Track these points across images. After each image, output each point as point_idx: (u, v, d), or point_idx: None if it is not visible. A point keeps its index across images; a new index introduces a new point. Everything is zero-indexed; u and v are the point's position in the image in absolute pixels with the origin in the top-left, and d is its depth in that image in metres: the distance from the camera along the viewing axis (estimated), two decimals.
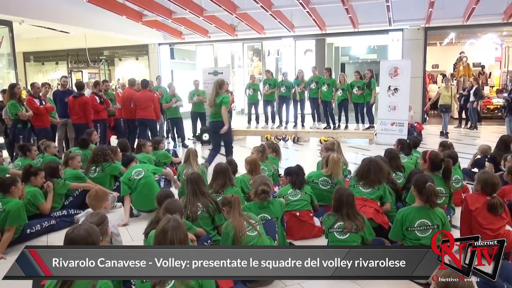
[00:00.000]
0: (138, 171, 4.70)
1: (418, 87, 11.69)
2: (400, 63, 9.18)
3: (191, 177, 3.57)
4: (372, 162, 3.70)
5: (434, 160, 3.91)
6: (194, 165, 4.91)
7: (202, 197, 3.51)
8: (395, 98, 9.03)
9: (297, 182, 3.95)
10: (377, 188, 3.71)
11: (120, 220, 4.49)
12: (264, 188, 3.39)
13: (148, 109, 7.92)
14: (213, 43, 14.23)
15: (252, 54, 14.66)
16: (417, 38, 11.79)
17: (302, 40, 13.33)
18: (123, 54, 17.15)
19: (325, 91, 9.59)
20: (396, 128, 9.00)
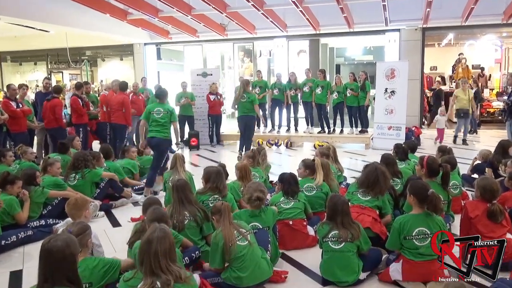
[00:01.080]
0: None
1: (415, 89, 11.82)
2: (397, 65, 9.28)
3: (177, 184, 3.55)
4: (379, 170, 3.71)
5: (431, 166, 3.94)
6: (181, 171, 4.90)
7: (189, 205, 3.49)
8: (392, 101, 9.12)
9: (290, 191, 3.96)
10: (377, 198, 3.72)
11: (103, 230, 4.45)
12: (259, 195, 3.39)
13: (117, 113, 7.78)
14: (202, 43, 14.24)
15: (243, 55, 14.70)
16: (415, 39, 11.95)
17: (295, 41, 13.41)
18: (107, 54, 17.06)
19: (319, 94, 9.65)
20: (393, 132, 9.08)
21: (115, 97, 7.92)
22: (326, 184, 4.29)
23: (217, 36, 13.26)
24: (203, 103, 10.24)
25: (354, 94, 9.36)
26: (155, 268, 2.27)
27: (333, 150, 5.33)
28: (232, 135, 10.55)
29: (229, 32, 13.25)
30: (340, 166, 5.38)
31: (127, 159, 6.08)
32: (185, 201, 3.49)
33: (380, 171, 3.72)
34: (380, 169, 3.75)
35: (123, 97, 7.93)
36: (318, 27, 12.30)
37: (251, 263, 2.99)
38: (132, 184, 5.83)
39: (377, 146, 9.17)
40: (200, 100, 10.25)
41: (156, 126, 5.39)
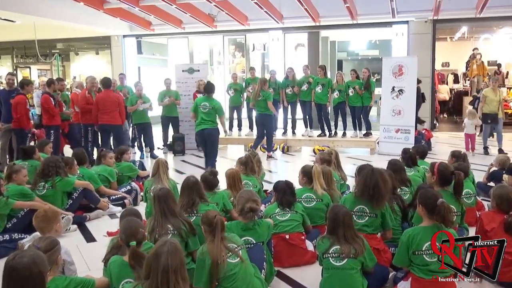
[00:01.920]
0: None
1: (426, 88, 11.92)
2: (406, 61, 9.36)
3: (159, 194, 3.54)
4: (376, 173, 3.65)
5: (443, 173, 3.96)
6: (164, 179, 4.89)
7: (172, 217, 3.48)
8: (400, 100, 9.19)
9: (284, 201, 3.97)
10: (374, 216, 3.61)
11: (75, 246, 4.41)
12: (251, 205, 3.38)
13: (113, 113, 7.91)
14: (188, 35, 14.26)
15: (234, 49, 14.75)
16: (425, 32, 12.07)
17: (292, 33, 13.49)
18: (81, 47, 16.99)
19: (319, 93, 9.69)
20: (402, 136, 9.15)
21: (106, 96, 7.95)
22: (327, 195, 4.30)
23: (205, 28, 13.29)
24: (189, 103, 10.22)
25: (358, 92, 9.40)
26: (161, 285, 2.26)
27: (335, 155, 5.35)
28: (221, 138, 10.46)
29: (219, 24, 13.29)
30: (343, 174, 5.40)
31: (103, 165, 6.04)
32: (168, 213, 3.48)
33: (377, 173, 3.62)
34: (377, 171, 3.65)
35: (116, 95, 8.00)
36: (318, 18, 12.39)
37: (243, 282, 2.98)
38: (109, 193, 5.80)
39: (384, 151, 9.23)
40: (186, 99, 10.25)
41: (205, 119, 6.72)
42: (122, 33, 14.42)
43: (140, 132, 9.35)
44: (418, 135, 9.42)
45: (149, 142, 9.38)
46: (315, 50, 13.37)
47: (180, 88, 10.41)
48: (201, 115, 6.73)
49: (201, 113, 6.73)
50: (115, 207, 5.61)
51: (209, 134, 6.74)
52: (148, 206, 4.73)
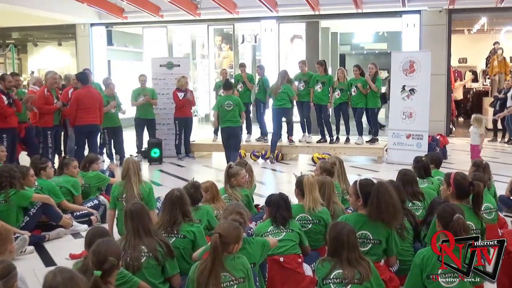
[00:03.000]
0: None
1: (440, 87, 12.04)
2: (418, 56, 9.44)
3: (132, 210, 3.52)
4: (383, 189, 3.63)
5: (460, 184, 3.98)
6: (136, 182, 4.81)
7: (147, 237, 3.46)
8: (412, 101, 9.25)
9: (278, 217, 3.94)
10: (378, 242, 3.58)
11: (32, 271, 4.35)
12: (235, 218, 3.37)
13: (97, 113, 8.01)
14: (166, 25, 14.25)
15: (220, 40, 14.77)
16: (439, 23, 12.20)
17: (288, 23, 13.55)
18: (40, 37, 16.88)
19: (318, 92, 9.74)
20: (413, 142, 9.20)
21: (91, 92, 7.96)
22: (325, 211, 4.28)
23: (187, 16, 13.29)
24: (167, 103, 10.21)
25: (362, 92, 9.46)
26: None
27: (339, 164, 5.36)
28: (205, 144, 10.52)
29: (203, 11, 13.29)
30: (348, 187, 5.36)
31: (66, 176, 5.98)
32: (142, 232, 3.45)
33: (384, 189, 3.59)
34: (384, 187, 3.63)
35: (99, 92, 8.04)
36: (318, 6, 12.46)
37: None
38: (73, 209, 5.74)
39: (393, 159, 9.28)
40: (164, 98, 10.22)
41: (229, 117, 8.08)
42: (89, 21, 14.35)
43: (111, 137, 9.27)
44: (432, 141, 9.48)
45: (120, 149, 9.33)
46: (314, 43, 13.44)
47: (157, 85, 10.38)
48: (226, 114, 8.10)
49: (226, 112, 8.09)
50: (79, 225, 5.54)
51: (235, 134, 8.26)
52: (119, 225, 4.68)
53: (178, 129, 9.80)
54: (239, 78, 10.36)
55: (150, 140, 9.78)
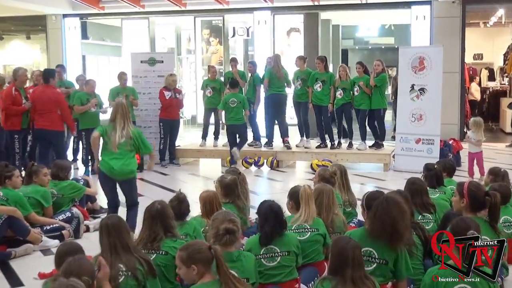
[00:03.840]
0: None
1: (453, 86, 12.10)
2: (428, 52, 9.48)
3: (108, 224, 3.50)
4: (391, 204, 3.60)
5: (475, 195, 3.99)
6: (126, 124, 5.28)
7: (125, 254, 3.44)
8: (421, 102, 9.29)
9: (268, 233, 3.85)
10: (384, 262, 3.54)
11: None
12: (227, 226, 3.37)
13: (51, 116, 7.87)
14: (148, 16, 14.25)
15: (208, 34, 14.77)
16: (452, 15, 12.29)
17: (284, 15, 13.59)
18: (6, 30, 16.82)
19: (318, 92, 9.75)
20: (423, 148, 9.24)
21: (45, 93, 7.91)
22: (321, 222, 4.28)
23: (171, 7, 13.31)
24: (149, 103, 10.20)
25: (366, 91, 9.48)
26: None
27: (342, 172, 5.36)
28: (192, 150, 10.51)
29: (189, 1, 13.32)
30: (352, 198, 5.41)
31: (35, 185, 5.95)
32: (119, 249, 3.44)
33: (393, 203, 3.54)
34: (393, 200, 3.57)
35: (55, 93, 7.95)
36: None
37: None
38: (43, 222, 5.71)
39: (401, 166, 9.31)
40: (146, 98, 10.22)
41: (232, 115, 9.23)
42: (61, 11, 14.32)
43: (89, 142, 9.19)
44: (444, 146, 9.53)
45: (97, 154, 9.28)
46: (313, 37, 13.48)
47: (138, 84, 10.37)
48: (230, 111, 9.24)
49: (230, 109, 9.24)
50: (50, 240, 5.52)
51: (239, 132, 9.46)
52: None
53: (163, 133, 9.78)
54: (230, 75, 10.36)
55: None
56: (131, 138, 5.34)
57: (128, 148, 5.36)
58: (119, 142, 5.30)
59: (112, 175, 5.42)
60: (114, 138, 5.29)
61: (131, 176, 5.53)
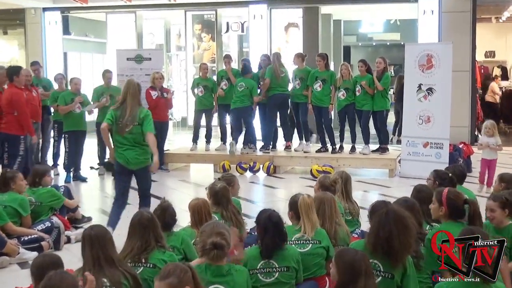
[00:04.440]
0: None
1: (464, 86, 12.13)
2: (437, 49, 9.52)
3: (92, 235, 3.49)
4: (391, 217, 3.57)
5: (454, 203, 4.05)
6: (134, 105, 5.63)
7: (109, 268, 3.44)
8: (429, 103, 9.31)
9: (270, 246, 3.85)
10: (390, 276, 3.49)
11: None
12: (214, 240, 3.35)
13: (7, 118, 7.82)
14: (135, 10, 14.25)
15: (200, 29, 14.78)
16: (462, 9, 12.33)
17: (281, 9, 13.62)
18: None
19: (318, 92, 9.75)
20: (432, 152, 9.25)
21: (3, 93, 7.87)
22: (324, 234, 4.27)
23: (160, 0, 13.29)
24: None
25: (368, 91, 9.49)
26: None
27: (344, 180, 5.36)
28: (182, 155, 10.49)
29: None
30: (354, 207, 5.41)
31: (11, 192, 5.93)
32: (103, 262, 3.43)
33: (394, 217, 3.49)
34: (394, 214, 3.53)
35: (12, 93, 7.86)
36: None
37: None
38: (20, 233, 5.69)
39: (407, 172, 9.32)
40: None
41: (239, 96, 9.64)
42: (41, 4, 14.30)
43: (72, 145, 9.18)
44: (454, 150, 9.54)
45: (77, 159, 9.31)
46: (313, 33, 13.51)
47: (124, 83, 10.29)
48: (237, 94, 9.66)
49: (237, 92, 9.66)
50: (28, 252, 5.49)
51: (245, 116, 9.78)
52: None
53: None
54: (223, 73, 10.37)
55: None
56: (139, 124, 5.66)
57: (139, 133, 5.68)
58: (130, 129, 5.65)
59: (128, 166, 5.76)
60: (124, 125, 5.63)
61: (146, 163, 5.85)
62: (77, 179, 9.21)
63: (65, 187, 6.93)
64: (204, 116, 10.40)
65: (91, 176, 9.64)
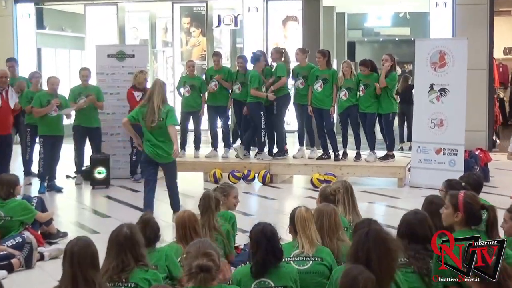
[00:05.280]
0: None
1: (481, 86, 12.15)
2: (450, 45, 9.52)
3: (72, 251, 3.48)
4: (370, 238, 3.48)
5: (471, 208, 4.05)
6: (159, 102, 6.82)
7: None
8: (442, 105, 9.32)
9: (260, 263, 3.82)
10: None
11: None
12: (200, 263, 3.34)
13: None
14: (117, 1, 14.24)
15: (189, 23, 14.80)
16: (478, 1, 12.37)
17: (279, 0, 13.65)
18: None
19: (319, 92, 9.76)
20: (445, 159, 9.26)
21: None
22: (327, 251, 4.28)
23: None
24: (117, 105, 10.17)
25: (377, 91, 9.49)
26: None
27: (346, 190, 5.36)
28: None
29: None
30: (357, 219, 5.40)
31: None
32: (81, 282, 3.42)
33: (374, 238, 3.37)
34: (375, 234, 3.42)
35: None
36: None
37: None
38: None
39: (418, 182, 9.33)
40: (113, 99, 10.19)
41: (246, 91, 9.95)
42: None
43: (48, 151, 9.15)
44: (470, 157, 9.54)
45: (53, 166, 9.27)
46: (313, 27, 13.50)
47: (104, 82, 10.33)
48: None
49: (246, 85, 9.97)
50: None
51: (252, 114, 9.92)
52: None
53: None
54: (212, 73, 10.34)
55: (93, 156, 9.72)
56: (163, 120, 6.84)
57: (165, 128, 6.87)
58: (156, 124, 6.84)
59: (155, 158, 7.03)
60: (150, 120, 6.82)
61: (173, 158, 7.14)
62: (51, 189, 9.15)
63: (38, 198, 6.89)
64: (192, 119, 10.39)
65: (67, 185, 9.61)
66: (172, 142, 6.92)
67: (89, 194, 9.25)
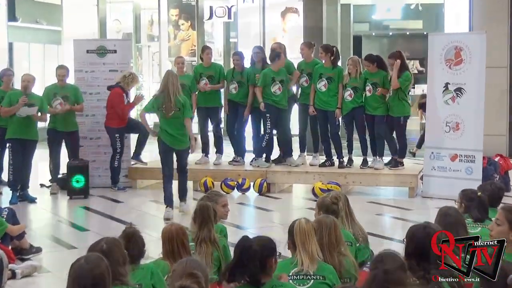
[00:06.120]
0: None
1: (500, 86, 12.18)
2: (467, 40, 9.54)
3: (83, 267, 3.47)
4: (379, 279, 3.48)
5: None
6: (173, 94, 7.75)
7: None
8: (458, 107, 9.34)
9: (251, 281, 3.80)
10: None
11: None
12: (184, 284, 3.34)
13: None
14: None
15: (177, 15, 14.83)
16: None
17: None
18: None
19: (323, 93, 9.75)
20: (461, 166, 9.26)
21: None
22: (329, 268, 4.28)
23: None
24: (98, 107, 10.17)
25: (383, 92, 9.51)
26: None
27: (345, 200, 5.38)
28: (155, 169, 10.44)
29: None
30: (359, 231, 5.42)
31: None
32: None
33: (384, 282, 3.47)
34: (387, 278, 3.31)
35: None
36: None
37: None
38: None
39: (431, 191, 9.33)
40: (93, 100, 10.20)
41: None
42: None
43: (18, 156, 9.13)
44: (489, 165, 9.55)
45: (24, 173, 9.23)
46: (316, 20, 13.52)
47: (83, 81, 10.33)
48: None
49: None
50: None
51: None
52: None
53: (120, 146, 9.76)
54: (201, 70, 10.33)
55: (71, 163, 9.71)
56: (179, 109, 7.91)
57: (180, 117, 7.99)
58: (172, 114, 7.92)
59: (172, 145, 8.12)
60: (168, 108, 7.91)
61: (188, 144, 8.26)
62: (24, 199, 9.11)
63: (10, 210, 6.88)
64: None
65: (42, 195, 9.59)
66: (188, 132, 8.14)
67: (66, 205, 9.25)
